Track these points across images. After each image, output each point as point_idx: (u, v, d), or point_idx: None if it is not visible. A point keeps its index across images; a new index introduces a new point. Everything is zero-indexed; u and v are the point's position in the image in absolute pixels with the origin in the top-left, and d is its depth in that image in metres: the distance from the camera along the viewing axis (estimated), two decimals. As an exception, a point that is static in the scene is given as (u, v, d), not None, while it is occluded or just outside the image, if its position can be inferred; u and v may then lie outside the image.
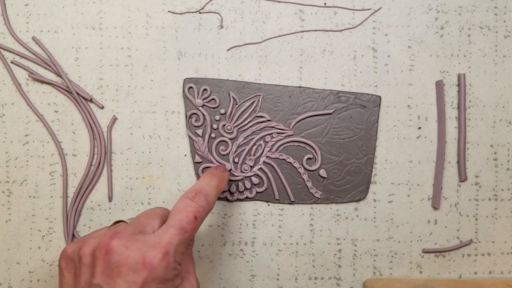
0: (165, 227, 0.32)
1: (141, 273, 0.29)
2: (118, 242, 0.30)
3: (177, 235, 0.31)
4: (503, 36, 0.42)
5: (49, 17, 0.42)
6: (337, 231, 0.42)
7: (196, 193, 0.34)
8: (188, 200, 0.33)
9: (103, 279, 0.30)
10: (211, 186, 0.35)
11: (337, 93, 0.42)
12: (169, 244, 0.31)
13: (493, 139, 0.42)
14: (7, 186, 0.42)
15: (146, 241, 0.31)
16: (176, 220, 0.32)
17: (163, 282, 0.30)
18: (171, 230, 0.31)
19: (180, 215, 0.32)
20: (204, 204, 0.34)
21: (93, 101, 0.42)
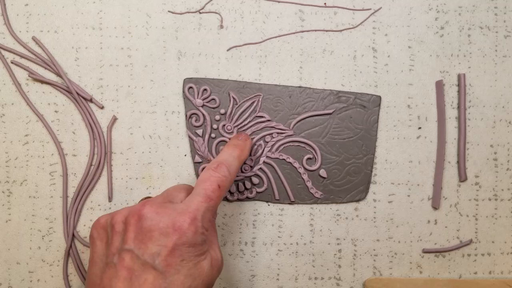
0: (192, 196, 0.33)
1: (171, 236, 0.31)
2: (149, 209, 0.32)
3: (203, 202, 0.33)
4: (503, 36, 0.42)
5: (49, 17, 0.42)
6: (337, 231, 0.42)
7: (219, 164, 0.35)
8: (211, 171, 0.35)
9: (135, 244, 0.31)
10: (233, 157, 0.37)
11: (337, 93, 0.42)
12: (197, 211, 0.32)
13: (493, 139, 0.42)
14: (7, 186, 0.42)
15: (175, 208, 0.32)
16: (201, 189, 0.34)
17: (192, 246, 0.31)
18: (198, 198, 0.33)
19: (204, 184, 0.34)
20: (226, 174, 0.35)
21: (93, 101, 0.42)
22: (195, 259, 0.32)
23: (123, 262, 0.31)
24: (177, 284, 0.30)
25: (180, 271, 0.31)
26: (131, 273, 0.30)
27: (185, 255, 0.31)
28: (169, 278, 0.30)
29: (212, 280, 0.33)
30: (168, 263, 0.30)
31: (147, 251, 0.31)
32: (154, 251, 0.30)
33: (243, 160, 0.38)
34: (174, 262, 0.31)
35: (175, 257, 0.31)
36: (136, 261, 0.31)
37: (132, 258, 0.31)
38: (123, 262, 0.31)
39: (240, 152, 0.38)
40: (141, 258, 0.30)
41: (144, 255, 0.30)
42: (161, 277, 0.30)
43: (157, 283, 0.30)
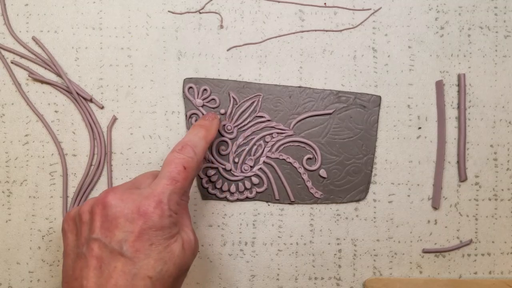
0: (157, 180, 0.33)
1: (137, 222, 0.31)
2: (113, 196, 0.32)
3: (168, 185, 0.33)
4: (503, 36, 0.42)
5: (49, 17, 0.42)
6: (337, 231, 0.42)
7: (183, 146, 0.35)
8: (176, 153, 0.34)
9: (102, 232, 0.31)
10: (198, 137, 0.36)
11: (337, 93, 0.42)
12: (162, 194, 0.32)
13: (493, 139, 0.42)
14: (7, 186, 0.42)
15: (140, 193, 0.32)
16: (166, 171, 0.33)
17: (160, 229, 0.31)
18: (163, 181, 0.33)
19: (169, 167, 0.34)
20: (191, 155, 0.35)
21: (93, 101, 0.42)
22: (165, 242, 0.31)
23: (92, 251, 0.31)
24: (147, 269, 0.30)
25: (150, 255, 0.31)
26: (101, 261, 0.30)
27: (153, 239, 0.31)
28: (138, 263, 0.30)
29: (186, 263, 0.33)
30: (136, 248, 0.30)
31: (114, 238, 0.31)
32: (121, 238, 0.30)
33: (210, 141, 0.37)
34: (142, 247, 0.30)
35: (143, 242, 0.31)
36: (104, 250, 0.31)
37: (100, 247, 0.31)
38: (92, 251, 0.31)
39: (206, 132, 0.37)
40: (108, 246, 0.30)
41: (111, 243, 0.30)
42: (131, 263, 0.30)
43: (126, 269, 0.30)
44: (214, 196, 0.42)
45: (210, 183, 0.42)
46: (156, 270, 0.31)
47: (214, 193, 0.41)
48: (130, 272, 0.30)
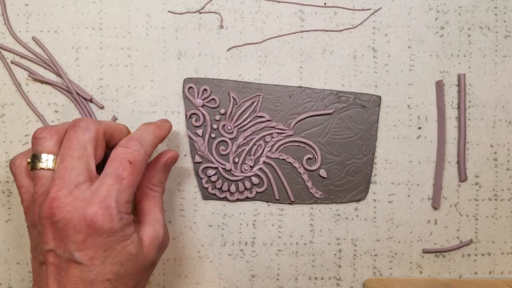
0: (101, 179, 0.32)
1: (86, 231, 0.30)
2: (58, 205, 0.30)
3: (114, 184, 0.31)
4: (503, 36, 0.42)
5: (49, 17, 0.42)
6: (337, 231, 0.42)
7: (128, 140, 0.33)
8: (120, 148, 0.33)
9: (55, 244, 0.31)
10: (146, 132, 0.35)
11: (337, 93, 0.42)
12: (108, 197, 0.31)
13: (493, 139, 0.42)
14: (7, 186, 0.42)
15: (85, 197, 0.31)
16: (110, 169, 0.32)
17: (111, 235, 0.31)
18: (107, 180, 0.31)
19: (113, 163, 0.32)
20: (137, 148, 0.33)
21: (93, 101, 0.42)
22: (119, 245, 0.31)
23: (48, 260, 0.31)
24: (104, 273, 0.30)
25: (106, 261, 0.30)
26: (59, 269, 0.31)
27: (106, 245, 0.30)
28: (95, 269, 0.30)
29: (147, 259, 0.33)
30: (90, 256, 0.30)
31: (67, 249, 0.30)
32: (73, 248, 0.30)
33: (159, 136, 0.36)
34: (96, 255, 0.30)
35: (96, 249, 0.30)
36: (60, 259, 0.31)
37: (55, 256, 0.31)
38: (49, 260, 0.31)
39: (155, 127, 0.36)
40: (63, 256, 0.30)
41: (65, 253, 0.30)
42: (87, 269, 0.30)
43: (84, 276, 0.30)
44: (214, 196, 0.42)
45: (210, 183, 0.42)
46: (114, 272, 0.31)
47: (214, 193, 0.41)
48: (88, 278, 0.30)
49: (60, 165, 0.32)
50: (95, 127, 0.33)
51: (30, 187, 0.33)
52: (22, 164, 0.34)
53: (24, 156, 0.34)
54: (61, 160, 0.32)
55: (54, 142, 0.33)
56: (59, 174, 0.31)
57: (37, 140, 0.33)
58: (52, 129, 0.33)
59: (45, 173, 0.32)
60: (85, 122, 0.33)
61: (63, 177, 0.31)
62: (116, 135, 0.35)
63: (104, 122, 0.35)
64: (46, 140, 0.33)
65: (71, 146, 0.32)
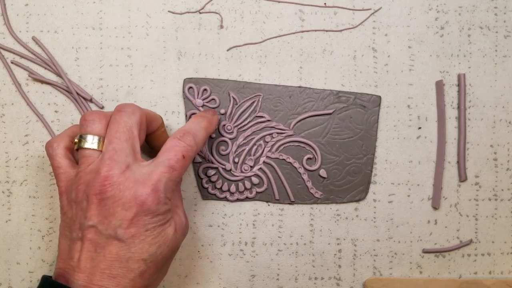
0: (155, 165, 0.33)
1: (133, 209, 0.32)
2: (110, 182, 0.32)
3: (166, 173, 0.33)
4: (503, 36, 0.42)
5: (49, 17, 0.42)
6: (337, 231, 0.42)
7: (184, 133, 0.35)
8: (176, 140, 0.34)
9: (98, 220, 0.32)
10: (200, 127, 0.36)
11: (337, 93, 0.42)
12: (159, 182, 0.33)
13: (493, 139, 0.42)
14: (7, 186, 0.42)
15: (137, 179, 0.33)
16: (165, 159, 0.34)
17: (155, 216, 0.32)
18: (160, 168, 0.33)
19: (168, 154, 0.34)
20: (192, 144, 0.35)
21: (93, 101, 0.42)
22: (159, 227, 0.33)
23: (87, 236, 0.32)
24: (141, 252, 0.32)
25: (145, 240, 0.32)
26: (96, 245, 0.32)
27: (149, 225, 0.32)
28: (133, 247, 0.32)
29: (177, 244, 0.35)
30: (131, 234, 0.32)
31: (110, 225, 0.32)
32: (117, 224, 0.32)
33: (210, 132, 0.38)
34: (138, 233, 0.32)
35: (138, 227, 0.32)
36: (100, 235, 0.32)
37: (96, 232, 0.32)
38: (88, 236, 0.32)
39: (208, 123, 0.37)
40: (104, 233, 0.32)
41: (108, 230, 0.32)
42: (126, 247, 0.32)
43: (121, 253, 0.32)
44: (214, 196, 0.42)
45: (210, 183, 0.42)
46: (150, 253, 0.32)
47: (214, 193, 0.41)
48: (125, 256, 0.32)
49: (108, 146, 0.33)
50: (140, 112, 0.35)
51: (69, 168, 0.35)
52: (60, 146, 0.35)
53: (62, 138, 0.36)
54: (109, 141, 0.33)
55: (103, 125, 0.34)
56: (109, 155, 0.33)
57: (86, 122, 0.34)
58: (100, 113, 0.35)
59: (92, 153, 0.34)
60: (131, 107, 0.35)
61: (113, 158, 0.33)
62: (154, 122, 0.37)
63: (144, 109, 0.36)
64: (96, 122, 0.34)
65: (118, 129, 0.34)
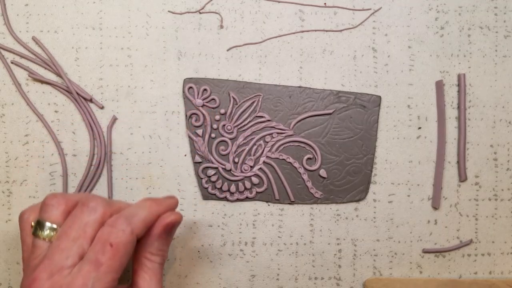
0: (80, 264, 0.29)
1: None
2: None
3: (91, 272, 0.29)
4: (503, 36, 0.42)
5: (49, 17, 0.42)
6: (337, 231, 0.42)
7: (116, 218, 0.30)
8: (105, 227, 0.30)
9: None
10: (140, 207, 0.32)
11: (337, 93, 0.42)
12: (83, 286, 0.28)
13: (493, 139, 0.42)
14: (7, 186, 0.42)
15: (61, 285, 0.29)
16: (91, 253, 0.29)
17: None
18: (85, 267, 0.29)
19: (95, 247, 0.30)
20: (124, 227, 0.30)
21: (93, 101, 0.42)
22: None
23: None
24: None
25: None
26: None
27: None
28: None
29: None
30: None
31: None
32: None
33: (155, 212, 0.32)
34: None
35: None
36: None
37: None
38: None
39: (152, 202, 0.33)
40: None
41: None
42: None
43: None
44: (214, 196, 0.42)
45: (210, 183, 0.42)
46: None
47: (214, 193, 0.41)
48: None
49: (55, 241, 0.30)
50: (102, 210, 0.31)
51: (30, 247, 0.32)
52: (28, 221, 0.32)
53: (32, 211, 0.33)
54: (58, 236, 0.30)
55: (60, 212, 0.31)
56: (50, 252, 0.30)
57: (45, 207, 0.31)
58: (62, 198, 0.32)
59: (42, 244, 0.31)
60: (94, 202, 0.31)
61: (52, 257, 0.29)
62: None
63: (124, 205, 0.32)
64: (54, 209, 0.31)
65: (72, 224, 0.30)
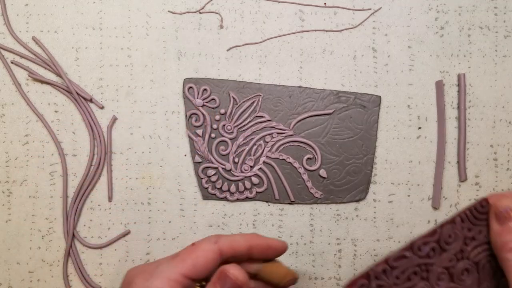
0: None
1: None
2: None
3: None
4: (503, 36, 0.42)
5: (49, 17, 0.42)
6: (337, 231, 0.42)
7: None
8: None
9: None
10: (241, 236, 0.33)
11: (337, 93, 0.42)
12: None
13: (493, 139, 0.42)
14: (7, 186, 0.42)
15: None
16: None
17: None
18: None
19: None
20: (212, 239, 0.32)
21: (93, 101, 0.42)
22: None
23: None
24: None
25: None
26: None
27: None
28: None
29: None
30: None
31: None
32: None
33: (249, 239, 0.33)
34: None
35: None
36: None
37: None
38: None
39: (256, 235, 0.34)
40: None
41: None
42: None
43: None
44: (214, 196, 0.42)
45: (210, 183, 0.42)
46: None
47: (214, 193, 0.41)
48: None
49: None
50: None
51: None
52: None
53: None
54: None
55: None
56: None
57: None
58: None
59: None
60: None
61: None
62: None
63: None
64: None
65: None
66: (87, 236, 0.42)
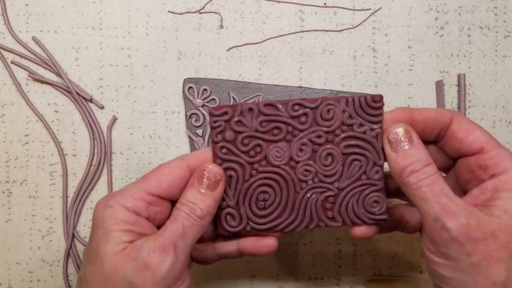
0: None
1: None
2: None
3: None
4: (503, 36, 0.42)
5: (49, 17, 0.42)
6: (337, 231, 0.42)
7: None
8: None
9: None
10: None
11: (337, 93, 0.42)
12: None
13: (493, 139, 0.42)
14: (7, 186, 0.42)
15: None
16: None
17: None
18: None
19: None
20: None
21: (93, 101, 0.42)
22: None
23: None
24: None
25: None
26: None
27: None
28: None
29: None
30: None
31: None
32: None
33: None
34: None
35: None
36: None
37: None
38: None
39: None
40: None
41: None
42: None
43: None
44: (214, 196, 0.41)
45: (210, 183, 0.41)
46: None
47: (214, 193, 0.41)
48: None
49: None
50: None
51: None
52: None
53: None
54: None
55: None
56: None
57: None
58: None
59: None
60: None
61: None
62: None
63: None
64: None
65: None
66: (87, 236, 0.42)
